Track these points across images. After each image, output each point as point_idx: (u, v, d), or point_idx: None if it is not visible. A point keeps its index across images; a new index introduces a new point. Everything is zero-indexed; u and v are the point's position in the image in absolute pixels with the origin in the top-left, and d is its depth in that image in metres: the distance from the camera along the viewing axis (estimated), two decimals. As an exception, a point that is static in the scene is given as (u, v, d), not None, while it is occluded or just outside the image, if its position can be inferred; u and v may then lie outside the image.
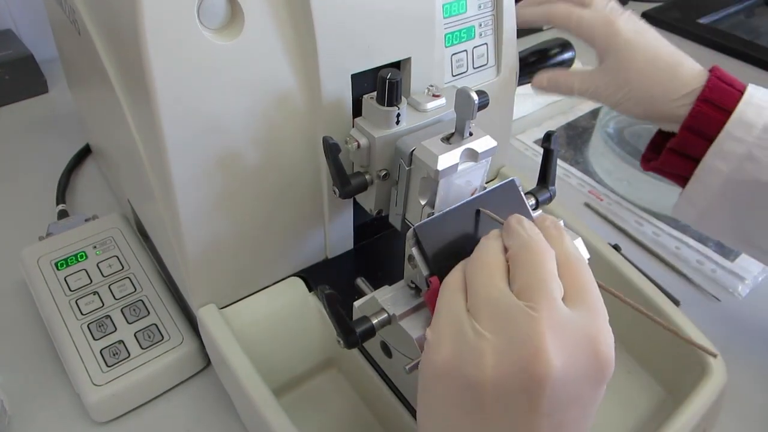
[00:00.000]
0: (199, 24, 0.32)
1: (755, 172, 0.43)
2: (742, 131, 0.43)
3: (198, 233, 0.38)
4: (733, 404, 0.45)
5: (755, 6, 1.07)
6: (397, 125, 0.37)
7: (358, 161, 0.39)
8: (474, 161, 0.35)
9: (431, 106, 0.39)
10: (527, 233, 0.29)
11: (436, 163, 0.34)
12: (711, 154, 0.44)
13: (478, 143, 0.35)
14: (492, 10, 0.46)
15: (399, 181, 0.38)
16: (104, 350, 0.44)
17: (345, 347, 0.32)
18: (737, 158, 0.43)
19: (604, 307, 0.28)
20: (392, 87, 0.35)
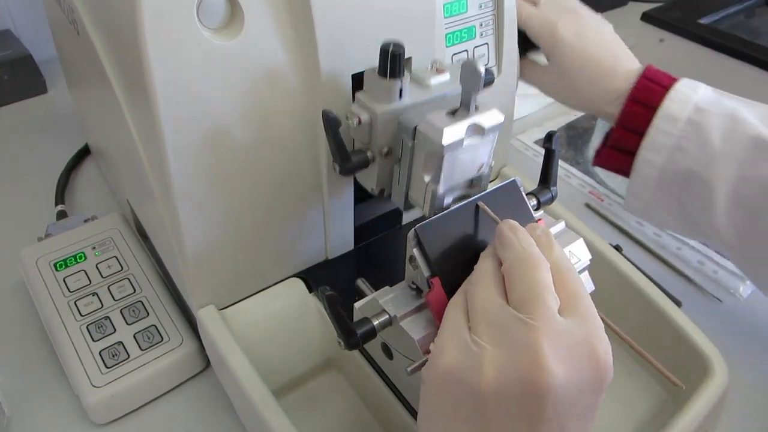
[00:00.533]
0: (198, 23, 0.32)
1: (686, 161, 0.45)
2: (668, 125, 0.46)
3: (197, 234, 0.38)
4: (734, 405, 0.45)
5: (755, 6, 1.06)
6: (400, 100, 0.35)
7: (359, 138, 0.37)
8: (481, 136, 0.34)
9: (435, 81, 0.37)
10: (521, 245, 0.29)
11: (442, 137, 0.32)
12: (644, 148, 0.47)
13: (485, 117, 0.33)
14: (493, 10, 0.45)
15: (402, 157, 0.36)
16: (103, 351, 0.44)
17: (346, 348, 0.32)
18: (668, 150, 0.46)
19: (598, 316, 0.28)
20: (395, 58, 0.33)
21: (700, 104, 0.45)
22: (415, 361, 0.32)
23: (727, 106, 0.45)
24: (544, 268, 0.28)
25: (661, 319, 0.45)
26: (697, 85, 0.47)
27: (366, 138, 0.37)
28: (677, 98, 0.46)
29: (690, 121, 0.45)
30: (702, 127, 0.45)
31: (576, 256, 0.39)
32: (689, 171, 0.45)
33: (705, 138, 0.45)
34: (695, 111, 0.45)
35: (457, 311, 0.29)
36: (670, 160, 0.46)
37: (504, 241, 0.29)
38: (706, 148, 0.45)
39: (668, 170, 0.46)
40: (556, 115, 0.81)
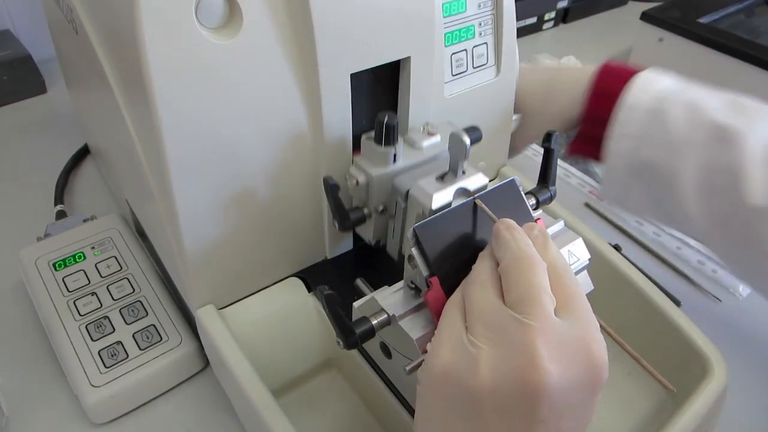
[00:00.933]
0: (197, 23, 0.32)
1: (650, 150, 0.46)
2: (630, 114, 0.46)
3: (196, 234, 0.38)
4: (734, 405, 0.45)
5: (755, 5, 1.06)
6: (394, 164, 0.39)
7: (357, 196, 0.40)
8: (467, 196, 0.36)
9: (427, 144, 0.40)
10: (517, 244, 0.29)
11: (431, 202, 0.35)
12: (609, 138, 0.48)
13: (471, 181, 0.36)
14: (492, 10, 0.45)
15: (396, 215, 0.40)
16: (102, 351, 0.44)
17: (344, 348, 0.32)
18: (632, 139, 0.47)
19: (594, 317, 0.28)
20: (389, 130, 0.37)
21: (662, 93, 0.46)
22: (413, 361, 0.32)
23: (689, 95, 0.46)
24: (541, 269, 0.28)
25: (660, 318, 0.45)
26: (660, 74, 0.48)
27: (363, 197, 0.40)
28: (638, 88, 0.47)
29: (651, 110, 0.46)
30: (663, 116, 0.45)
31: (575, 256, 0.39)
32: (654, 161, 0.46)
33: (667, 126, 0.45)
34: (656, 100, 0.46)
35: (454, 311, 0.29)
36: (636, 149, 0.47)
37: (501, 241, 0.29)
38: (669, 136, 0.45)
39: (635, 159, 0.47)
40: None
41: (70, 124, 0.72)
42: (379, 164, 0.39)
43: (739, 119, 0.44)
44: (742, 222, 0.43)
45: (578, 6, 1.08)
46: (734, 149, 0.43)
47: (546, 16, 1.04)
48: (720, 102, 0.45)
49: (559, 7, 1.05)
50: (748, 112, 0.44)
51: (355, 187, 0.40)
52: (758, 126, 0.43)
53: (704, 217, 0.45)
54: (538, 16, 1.02)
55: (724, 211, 0.44)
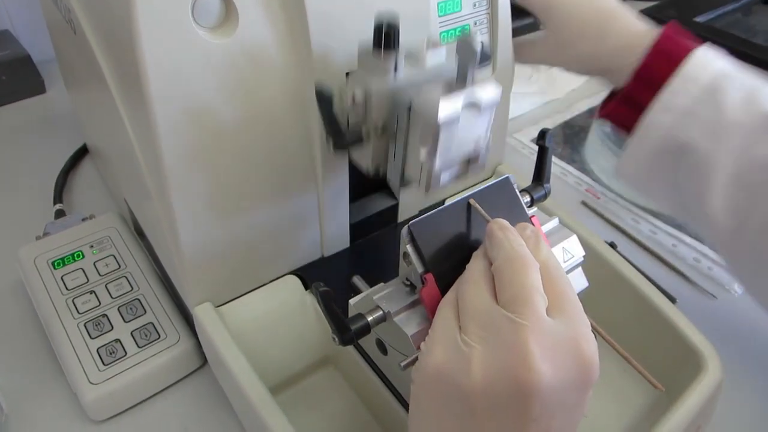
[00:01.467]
0: (193, 22, 0.33)
1: (692, 129, 0.43)
2: (687, 84, 0.43)
3: (194, 232, 0.38)
4: (728, 401, 0.45)
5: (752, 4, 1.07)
6: (395, 75, 0.35)
7: (353, 115, 0.37)
8: (477, 110, 0.33)
9: (431, 57, 0.36)
10: (510, 245, 0.29)
11: (437, 112, 0.32)
12: (654, 105, 0.44)
13: (482, 91, 0.33)
14: (487, 9, 0.46)
15: (398, 133, 0.36)
16: (101, 349, 0.44)
17: (340, 344, 0.32)
18: (679, 112, 0.43)
19: (585, 316, 0.28)
20: (390, 32, 0.33)
21: (722, 72, 0.43)
22: (408, 357, 0.32)
23: (749, 81, 0.43)
24: (534, 269, 0.28)
25: (655, 315, 0.45)
26: (718, 53, 0.45)
27: (361, 115, 0.36)
28: (700, 60, 0.43)
29: (710, 85, 0.43)
30: (720, 94, 0.42)
31: (570, 253, 0.40)
32: (693, 142, 0.43)
33: (721, 106, 0.42)
34: (715, 78, 0.43)
35: (448, 310, 0.29)
36: (678, 123, 0.44)
37: (494, 241, 0.30)
38: (719, 117, 0.42)
39: (672, 135, 0.44)
40: (553, 113, 0.81)
41: (69, 124, 0.72)
42: (378, 75, 0.35)
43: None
44: (764, 218, 0.42)
45: (576, 5, 1.08)
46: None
47: (543, 16, 1.04)
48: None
49: (557, 7, 1.05)
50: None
51: (352, 104, 0.36)
52: None
53: (726, 209, 0.43)
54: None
55: (751, 204, 0.42)
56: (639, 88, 0.45)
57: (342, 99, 0.36)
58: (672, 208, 0.49)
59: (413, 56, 0.36)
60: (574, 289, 0.29)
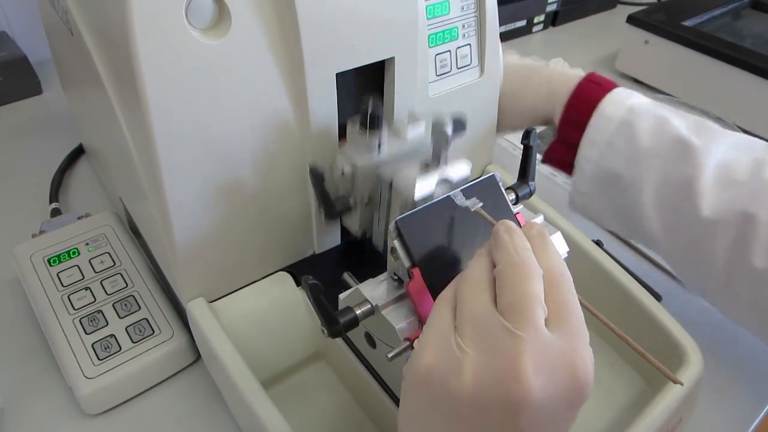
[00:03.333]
0: (187, 24, 0.33)
1: (615, 159, 0.49)
2: (604, 122, 0.49)
3: (187, 230, 0.39)
4: (710, 395, 0.46)
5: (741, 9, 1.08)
6: (379, 153, 0.39)
7: (343, 186, 0.41)
8: (450, 186, 0.38)
9: (411, 133, 0.41)
10: (515, 249, 0.28)
11: (414, 191, 0.36)
12: (582, 142, 0.51)
13: (454, 170, 0.37)
14: (475, 12, 0.47)
15: (381, 205, 0.40)
16: (96, 344, 0.45)
17: (329, 336, 0.33)
18: (602, 146, 0.50)
19: (585, 330, 0.28)
20: (374, 115, 0.38)
21: (634, 107, 0.49)
22: (395, 349, 0.33)
23: (658, 112, 0.49)
24: (536, 278, 0.28)
25: (639, 311, 0.46)
26: (634, 92, 0.51)
27: (349, 187, 0.41)
28: (614, 100, 0.50)
29: (622, 120, 0.49)
30: (632, 126, 0.48)
31: (554, 249, 0.41)
32: (618, 170, 0.49)
33: (633, 136, 0.48)
34: (628, 112, 0.49)
35: (444, 308, 0.29)
36: (603, 156, 0.50)
37: (499, 243, 0.29)
38: (634, 147, 0.48)
39: (601, 167, 0.50)
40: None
41: (65, 124, 0.73)
42: (364, 154, 0.39)
43: (701, 137, 0.47)
44: (692, 233, 0.46)
45: (567, 9, 1.10)
46: (692, 163, 0.46)
47: (535, 20, 1.05)
48: (686, 121, 0.49)
49: (549, 11, 1.06)
50: (709, 132, 0.48)
51: (341, 177, 0.40)
52: (716, 144, 0.47)
53: (660, 228, 0.48)
54: (527, 20, 1.04)
55: (678, 221, 0.47)
56: (568, 129, 0.52)
57: (333, 172, 0.41)
58: (622, 232, 0.55)
59: (396, 132, 0.41)
60: (576, 298, 0.29)
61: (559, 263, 0.30)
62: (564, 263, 0.30)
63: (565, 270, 0.29)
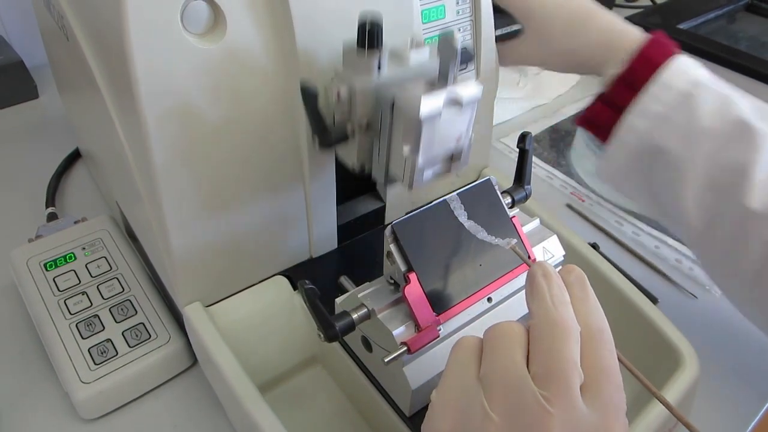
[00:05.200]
0: (182, 29, 0.34)
1: (667, 134, 0.45)
2: (664, 92, 0.45)
3: (184, 233, 0.39)
4: (706, 399, 0.46)
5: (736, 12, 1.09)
6: (379, 73, 0.36)
7: (338, 112, 0.37)
8: (459, 107, 0.34)
9: (414, 56, 0.37)
10: (552, 301, 0.27)
11: (419, 107, 0.32)
12: (631, 111, 0.46)
13: (463, 87, 0.34)
14: (470, 16, 0.47)
15: (381, 130, 0.36)
16: (92, 349, 0.45)
17: (325, 341, 0.33)
18: (654, 117, 0.45)
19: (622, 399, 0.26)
20: (373, 30, 0.34)
21: (701, 80, 0.45)
22: (391, 353, 0.33)
23: (725, 90, 0.45)
24: (573, 339, 0.26)
25: (635, 314, 0.46)
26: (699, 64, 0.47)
27: (345, 112, 0.37)
28: (678, 68, 0.45)
29: (685, 93, 0.45)
30: (694, 101, 0.44)
31: (550, 252, 0.41)
32: (667, 146, 0.45)
33: (694, 112, 0.44)
34: (693, 84, 0.45)
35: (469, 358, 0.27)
36: (653, 128, 0.46)
37: (535, 291, 0.28)
38: (692, 123, 0.44)
39: (647, 140, 0.46)
40: (540, 118, 0.82)
41: (62, 128, 0.73)
42: (362, 73, 0.36)
43: (766, 123, 0.43)
44: (733, 221, 0.43)
45: (563, 12, 1.10)
46: (750, 148, 0.43)
47: (532, 22, 1.06)
48: (751, 104, 0.45)
49: (545, 14, 1.07)
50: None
51: (337, 101, 0.37)
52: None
53: (697, 211, 0.45)
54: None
55: (720, 207, 0.44)
56: (621, 90, 0.47)
57: (327, 97, 0.37)
58: (648, 208, 0.51)
59: (397, 55, 0.37)
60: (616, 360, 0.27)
61: (599, 317, 0.28)
62: (604, 316, 0.28)
63: (604, 325, 0.28)
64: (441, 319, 0.35)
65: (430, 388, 0.36)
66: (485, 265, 0.36)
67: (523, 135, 0.41)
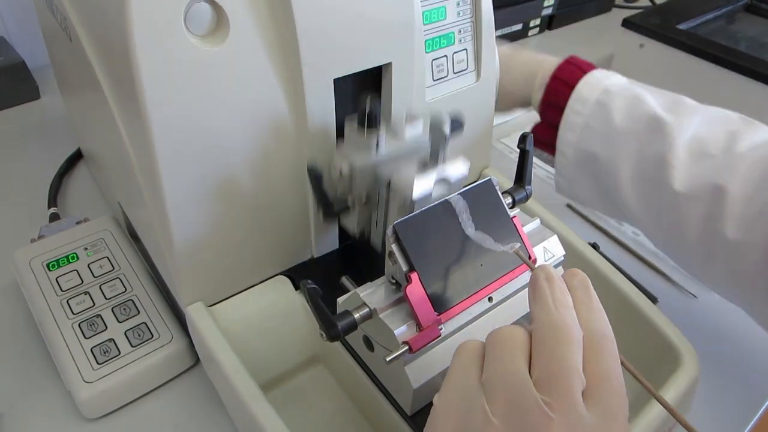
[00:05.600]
0: (186, 31, 0.34)
1: (593, 140, 0.50)
2: (580, 105, 0.51)
3: (186, 234, 0.39)
4: (705, 398, 0.46)
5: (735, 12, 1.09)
6: (377, 152, 0.39)
7: (341, 186, 0.41)
8: (448, 185, 0.38)
9: (409, 133, 0.40)
10: (554, 305, 0.27)
11: (412, 191, 0.36)
12: (561, 126, 0.52)
13: (452, 169, 0.38)
14: (471, 17, 0.47)
15: (379, 205, 0.40)
16: (95, 348, 0.45)
17: (327, 340, 0.34)
18: (579, 128, 0.51)
19: (624, 405, 0.26)
20: (372, 113, 0.38)
21: (609, 88, 0.50)
22: (393, 352, 0.33)
23: (633, 91, 0.50)
24: (575, 344, 0.26)
25: (635, 313, 0.46)
26: (611, 73, 0.52)
27: (347, 187, 0.40)
28: (590, 82, 0.51)
29: (598, 101, 0.50)
30: (607, 107, 0.49)
31: (550, 252, 0.41)
32: (596, 151, 0.50)
33: (609, 117, 0.49)
34: (603, 93, 0.50)
35: (471, 362, 0.28)
36: (582, 138, 0.51)
37: (537, 295, 0.28)
38: (609, 127, 0.49)
39: (581, 149, 0.51)
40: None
41: (64, 129, 0.73)
42: (362, 153, 0.39)
43: (674, 113, 0.48)
44: (668, 208, 0.47)
45: (563, 13, 1.11)
46: (665, 139, 0.47)
47: (531, 23, 1.06)
48: (661, 98, 0.50)
49: (544, 15, 1.07)
50: (683, 108, 0.48)
51: (339, 177, 0.40)
52: (690, 119, 0.47)
53: (639, 205, 0.49)
54: (523, 23, 1.05)
55: (655, 197, 0.48)
56: (549, 111, 0.53)
57: (331, 172, 0.41)
58: (606, 211, 0.55)
59: (393, 132, 0.40)
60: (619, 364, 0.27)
61: (601, 322, 0.28)
62: (607, 321, 0.28)
63: (608, 329, 0.28)
64: (442, 318, 0.35)
65: (432, 387, 0.36)
66: (486, 265, 0.37)
67: (524, 135, 0.41)
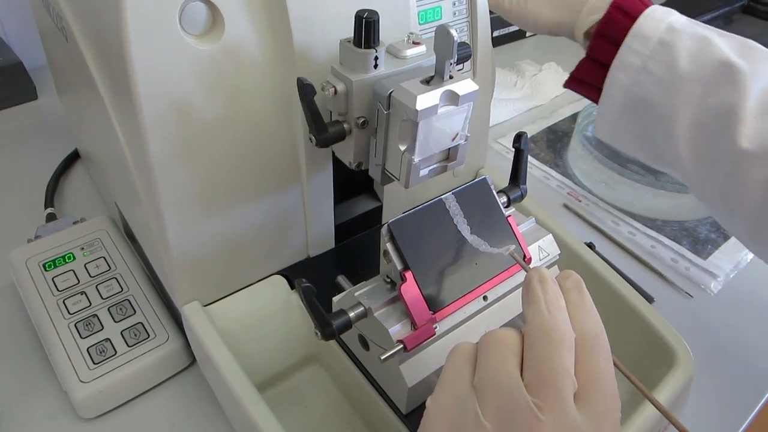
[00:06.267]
0: (181, 30, 0.34)
1: (649, 86, 0.45)
2: (639, 44, 0.45)
3: (182, 233, 0.39)
4: (700, 398, 0.46)
5: (733, 13, 1.10)
6: (375, 69, 0.35)
7: (335, 109, 0.37)
8: (455, 104, 0.34)
9: (411, 52, 0.37)
10: (547, 308, 0.27)
11: (415, 104, 0.32)
12: (613, 66, 0.46)
13: (459, 85, 0.34)
14: (467, 17, 0.47)
15: (378, 127, 0.36)
16: (91, 348, 0.45)
17: (322, 339, 0.34)
18: (635, 70, 0.45)
19: (616, 407, 0.26)
20: (369, 27, 0.34)
21: (674, 24, 0.44)
22: (388, 350, 0.33)
23: (700, 31, 0.44)
24: (566, 346, 0.26)
25: (631, 313, 0.46)
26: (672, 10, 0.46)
27: (342, 108, 0.37)
28: (652, 15, 0.45)
29: (661, 41, 0.44)
30: (671, 48, 0.44)
31: (545, 251, 0.41)
32: (651, 98, 0.45)
33: (673, 60, 0.44)
34: (667, 31, 0.44)
35: (463, 365, 0.27)
36: (635, 82, 0.45)
37: (530, 296, 0.28)
38: (672, 72, 0.44)
39: (632, 93, 0.46)
40: (537, 119, 0.83)
41: (61, 129, 0.73)
42: (358, 70, 0.35)
43: (747, 60, 0.42)
44: (727, 165, 0.43)
45: (560, 14, 1.11)
46: (736, 89, 0.42)
47: (529, 24, 1.06)
48: (731, 41, 0.44)
49: (542, 15, 1.07)
50: (757, 54, 0.43)
51: (333, 97, 0.36)
52: (763, 68, 0.42)
53: (693, 158, 0.44)
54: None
55: (714, 151, 0.43)
56: (602, 45, 0.47)
57: (324, 94, 0.37)
58: (648, 159, 0.51)
59: (394, 51, 0.37)
60: (611, 366, 0.27)
61: (594, 324, 0.28)
62: (600, 322, 0.28)
63: (600, 331, 0.28)
64: (437, 317, 0.35)
65: (427, 385, 0.36)
66: (481, 264, 0.37)
67: (519, 135, 0.41)
